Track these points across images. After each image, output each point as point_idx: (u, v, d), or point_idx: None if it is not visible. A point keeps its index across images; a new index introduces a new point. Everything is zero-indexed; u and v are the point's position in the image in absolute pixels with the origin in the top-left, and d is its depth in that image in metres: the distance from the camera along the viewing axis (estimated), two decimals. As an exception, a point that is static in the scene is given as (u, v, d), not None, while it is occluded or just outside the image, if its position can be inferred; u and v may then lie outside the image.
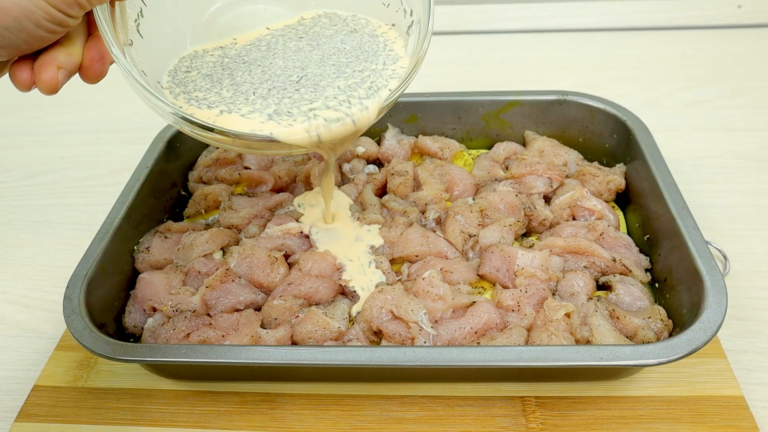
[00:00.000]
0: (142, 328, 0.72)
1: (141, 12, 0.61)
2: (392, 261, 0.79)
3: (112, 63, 0.54)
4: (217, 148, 0.92)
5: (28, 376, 0.74)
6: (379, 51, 0.66)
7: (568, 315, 0.68)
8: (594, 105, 0.92)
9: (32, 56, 0.51)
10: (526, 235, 0.84)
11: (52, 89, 0.51)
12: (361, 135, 0.77)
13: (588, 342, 0.66)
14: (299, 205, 0.85)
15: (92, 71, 0.54)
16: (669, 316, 0.68)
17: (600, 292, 0.74)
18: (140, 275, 0.76)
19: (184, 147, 0.93)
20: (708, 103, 1.18)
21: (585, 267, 0.76)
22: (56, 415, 0.68)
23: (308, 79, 0.62)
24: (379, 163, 0.96)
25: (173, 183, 0.91)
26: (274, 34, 0.69)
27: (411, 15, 0.67)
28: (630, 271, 0.74)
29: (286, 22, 0.72)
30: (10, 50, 0.48)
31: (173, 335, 0.68)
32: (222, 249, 0.80)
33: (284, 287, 0.73)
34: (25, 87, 0.51)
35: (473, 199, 0.84)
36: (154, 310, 0.72)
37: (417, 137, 0.96)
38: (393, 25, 0.70)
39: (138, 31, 0.61)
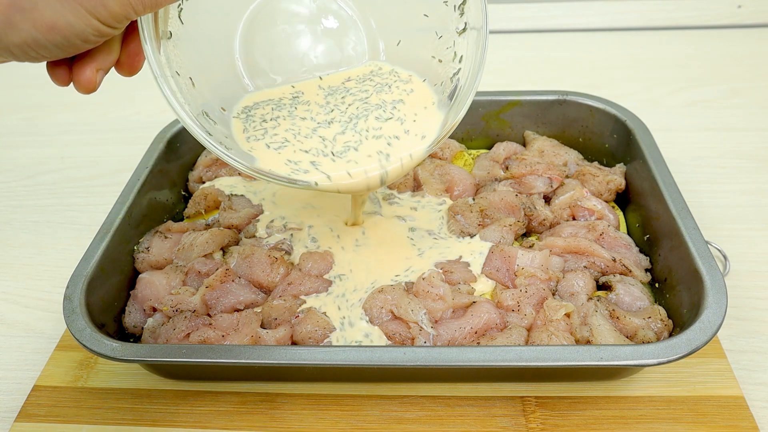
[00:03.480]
0: (142, 328, 0.72)
1: None
2: (392, 261, 0.79)
3: None
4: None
5: (28, 376, 0.74)
6: (414, 114, 0.70)
7: (568, 315, 0.68)
8: (594, 105, 0.92)
9: None
10: (526, 235, 0.84)
11: (90, 90, 0.52)
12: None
13: (588, 342, 0.66)
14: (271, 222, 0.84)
15: (128, 66, 0.54)
16: (669, 316, 0.68)
17: (600, 292, 0.74)
18: (140, 275, 0.76)
19: (184, 147, 0.93)
20: (708, 103, 1.18)
21: (585, 267, 0.76)
22: (56, 415, 0.68)
23: (365, 146, 0.68)
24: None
25: (173, 183, 0.91)
26: (335, 99, 0.72)
27: (459, 62, 0.68)
28: (630, 271, 0.74)
29: (334, 82, 0.74)
30: (52, 57, 0.49)
31: (173, 335, 0.68)
32: (222, 249, 0.80)
33: (284, 287, 0.73)
34: (63, 83, 0.52)
35: (473, 199, 0.84)
36: (154, 310, 0.72)
37: (417, 137, 0.96)
38: (440, 60, 0.71)
39: (180, 17, 0.61)
